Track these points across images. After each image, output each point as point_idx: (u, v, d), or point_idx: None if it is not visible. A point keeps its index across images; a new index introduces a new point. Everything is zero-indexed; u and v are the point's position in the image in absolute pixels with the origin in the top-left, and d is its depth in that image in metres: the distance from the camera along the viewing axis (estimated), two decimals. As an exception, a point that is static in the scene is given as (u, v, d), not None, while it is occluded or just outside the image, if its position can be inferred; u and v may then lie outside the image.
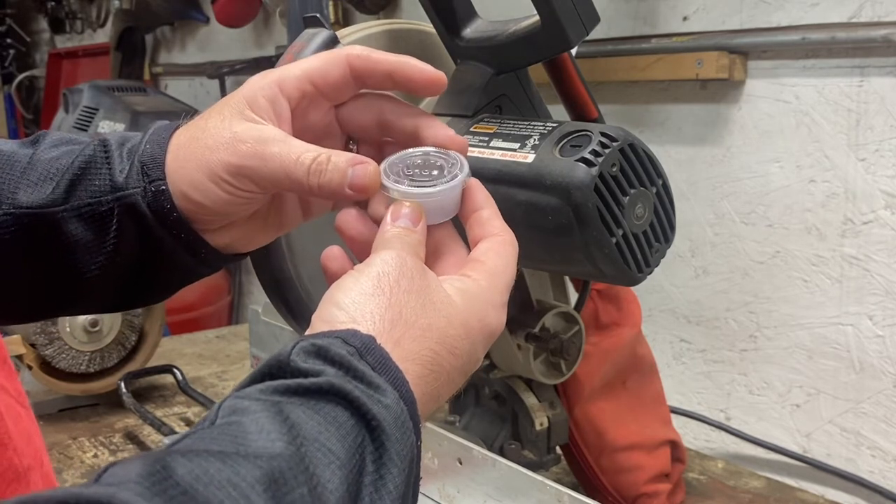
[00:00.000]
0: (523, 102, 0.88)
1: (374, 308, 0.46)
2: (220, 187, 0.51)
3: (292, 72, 0.54)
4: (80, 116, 2.62)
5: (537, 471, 0.93)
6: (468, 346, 0.49)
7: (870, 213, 1.17)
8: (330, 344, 0.43)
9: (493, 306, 0.51)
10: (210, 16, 2.64)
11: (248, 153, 0.51)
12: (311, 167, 0.51)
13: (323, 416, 0.40)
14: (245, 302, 2.73)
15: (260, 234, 0.58)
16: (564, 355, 0.99)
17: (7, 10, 4.33)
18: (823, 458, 1.26)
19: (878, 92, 1.15)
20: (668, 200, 0.77)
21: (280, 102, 0.53)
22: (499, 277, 0.52)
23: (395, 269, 0.48)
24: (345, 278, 0.48)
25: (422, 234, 0.51)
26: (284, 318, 0.90)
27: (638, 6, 1.42)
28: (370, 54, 0.54)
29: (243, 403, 0.40)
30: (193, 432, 0.39)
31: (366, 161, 0.52)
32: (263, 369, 0.43)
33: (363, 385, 0.42)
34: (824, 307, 1.24)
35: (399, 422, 0.42)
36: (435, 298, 0.48)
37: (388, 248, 0.49)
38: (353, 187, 0.51)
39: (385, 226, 0.51)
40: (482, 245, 0.53)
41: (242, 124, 0.52)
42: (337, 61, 0.54)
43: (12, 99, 4.23)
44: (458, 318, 0.49)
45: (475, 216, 0.54)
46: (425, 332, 0.47)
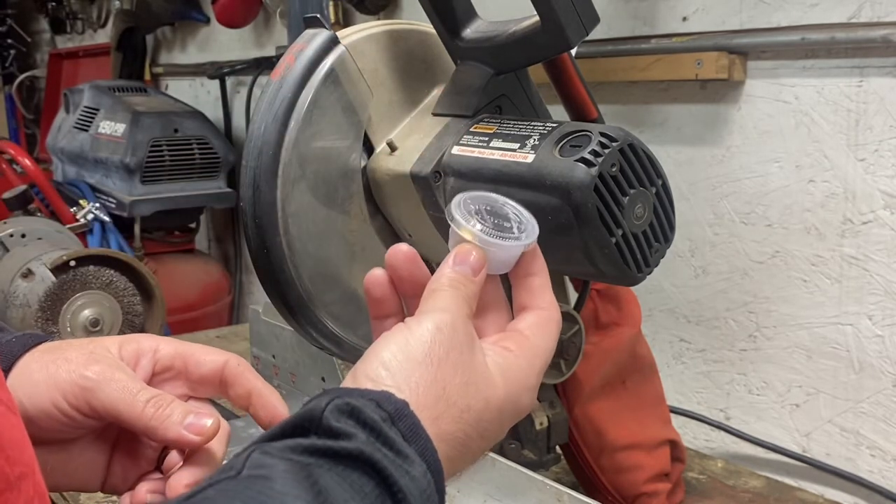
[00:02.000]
0: (523, 102, 0.88)
1: (420, 379, 0.46)
2: (57, 400, 0.52)
3: (173, 343, 0.57)
4: (80, 116, 2.62)
5: (537, 470, 0.93)
6: (498, 428, 0.50)
7: (869, 213, 1.17)
8: (364, 406, 0.43)
9: (528, 389, 0.52)
10: (210, 16, 2.64)
11: (97, 372, 0.53)
12: (151, 401, 0.52)
13: (349, 484, 0.40)
14: (245, 302, 2.73)
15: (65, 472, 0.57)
16: (564, 355, 0.99)
17: (8, 10, 4.33)
18: (823, 457, 1.26)
19: (878, 92, 1.15)
20: (667, 200, 0.77)
21: (146, 359, 0.56)
22: (539, 359, 0.53)
23: (447, 339, 0.48)
24: (395, 334, 0.48)
25: (479, 287, 0.52)
26: (284, 318, 0.90)
27: (638, 6, 1.42)
28: (245, 371, 0.57)
29: (271, 461, 0.40)
30: (219, 480, 0.39)
31: (205, 414, 0.53)
32: (296, 421, 0.43)
33: (392, 453, 0.42)
34: (824, 307, 1.24)
35: (425, 495, 0.42)
36: (478, 378, 0.48)
37: (443, 301, 0.49)
38: (189, 428, 0.52)
39: (446, 267, 0.51)
40: (528, 317, 0.53)
41: (102, 357, 0.54)
42: (215, 359, 0.57)
43: (13, 99, 4.24)
44: (495, 403, 0.49)
45: (527, 281, 0.54)
46: (463, 414, 0.47)
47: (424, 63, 0.92)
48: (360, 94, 0.87)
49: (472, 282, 0.51)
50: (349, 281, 0.87)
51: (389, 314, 0.54)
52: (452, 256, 0.52)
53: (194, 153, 2.45)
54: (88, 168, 2.53)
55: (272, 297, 0.88)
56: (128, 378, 0.53)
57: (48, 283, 1.38)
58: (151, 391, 0.53)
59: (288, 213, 0.83)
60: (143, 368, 0.56)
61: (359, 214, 0.88)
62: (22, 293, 1.41)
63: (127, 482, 0.57)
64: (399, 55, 0.90)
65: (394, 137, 0.89)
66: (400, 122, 0.90)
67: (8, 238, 1.64)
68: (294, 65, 0.84)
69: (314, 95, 0.84)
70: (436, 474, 0.44)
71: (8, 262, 1.51)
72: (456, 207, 0.53)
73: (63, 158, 2.68)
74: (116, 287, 1.42)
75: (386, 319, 0.54)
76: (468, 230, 0.52)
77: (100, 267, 1.41)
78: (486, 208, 0.54)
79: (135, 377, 0.54)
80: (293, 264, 0.85)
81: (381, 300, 0.53)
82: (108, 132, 2.45)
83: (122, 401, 0.52)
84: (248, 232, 0.85)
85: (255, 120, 0.85)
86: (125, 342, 0.56)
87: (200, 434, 0.52)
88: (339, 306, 0.87)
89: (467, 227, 0.52)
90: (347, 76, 0.86)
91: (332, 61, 0.85)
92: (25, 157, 2.46)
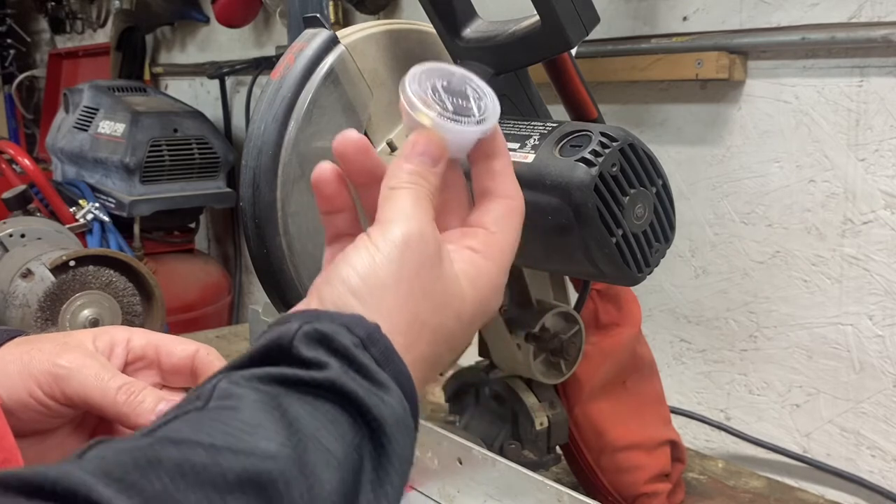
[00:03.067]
0: (523, 102, 0.88)
1: (392, 304, 0.44)
2: (32, 389, 0.52)
3: (145, 334, 0.57)
4: (80, 116, 2.62)
5: (537, 470, 0.93)
6: (468, 338, 0.49)
7: (869, 213, 1.17)
8: (335, 332, 0.41)
9: (496, 291, 0.50)
10: (210, 16, 2.64)
11: (70, 360, 0.53)
12: (123, 387, 0.53)
13: (322, 414, 0.39)
14: (245, 302, 2.73)
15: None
16: (564, 355, 0.99)
17: (7, 10, 4.33)
18: (823, 458, 1.26)
19: (878, 92, 1.15)
20: (667, 200, 0.77)
21: (120, 348, 0.56)
22: (506, 256, 0.50)
23: (415, 255, 0.45)
24: (360, 251, 0.45)
25: (440, 178, 0.48)
26: (284, 318, 0.90)
27: (638, 6, 1.42)
28: (214, 360, 0.57)
29: (239, 391, 0.39)
30: (185, 412, 0.38)
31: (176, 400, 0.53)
32: (263, 350, 0.41)
33: (366, 381, 0.41)
34: (824, 307, 1.24)
35: (401, 423, 0.41)
36: (449, 294, 0.47)
37: (406, 204, 0.46)
38: (162, 413, 0.52)
39: (403, 159, 0.48)
40: (493, 208, 0.51)
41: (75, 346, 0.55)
42: (186, 349, 0.57)
43: (13, 99, 4.24)
44: (467, 316, 0.48)
45: (488, 164, 0.51)
46: (435, 334, 0.46)
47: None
48: (359, 93, 0.86)
49: (432, 173, 0.48)
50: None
51: (341, 209, 0.51)
52: (409, 146, 0.48)
53: (194, 153, 2.45)
54: (88, 168, 2.53)
55: (272, 297, 0.88)
56: (100, 366, 0.53)
57: (48, 283, 1.38)
58: (123, 378, 0.53)
59: (288, 213, 0.83)
60: (116, 357, 0.56)
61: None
62: (21, 293, 1.41)
63: None
64: (399, 55, 0.90)
65: (394, 137, 0.88)
66: (400, 122, 0.90)
67: (7, 238, 1.64)
68: (294, 64, 0.84)
69: (314, 95, 0.84)
70: (410, 399, 0.42)
71: (7, 262, 1.51)
72: (410, 84, 0.48)
73: (62, 158, 2.68)
74: (116, 287, 1.42)
75: (337, 215, 0.52)
76: (424, 114, 0.48)
77: (99, 267, 1.41)
78: (443, 84, 0.49)
79: (108, 365, 0.54)
80: (293, 264, 0.85)
81: (332, 196, 0.50)
82: (107, 132, 2.45)
83: (95, 388, 0.52)
84: (248, 232, 0.85)
85: (255, 120, 0.85)
86: (99, 334, 0.57)
87: None
88: (339, 306, 0.87)
89: (423, 111, 0.48)
90: (347, 76, 0.86)
91: (331, 61, 0.85)
92: (25, 157, 2.45)
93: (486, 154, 0.51)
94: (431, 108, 0.48)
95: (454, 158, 0.50)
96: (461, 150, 0.50)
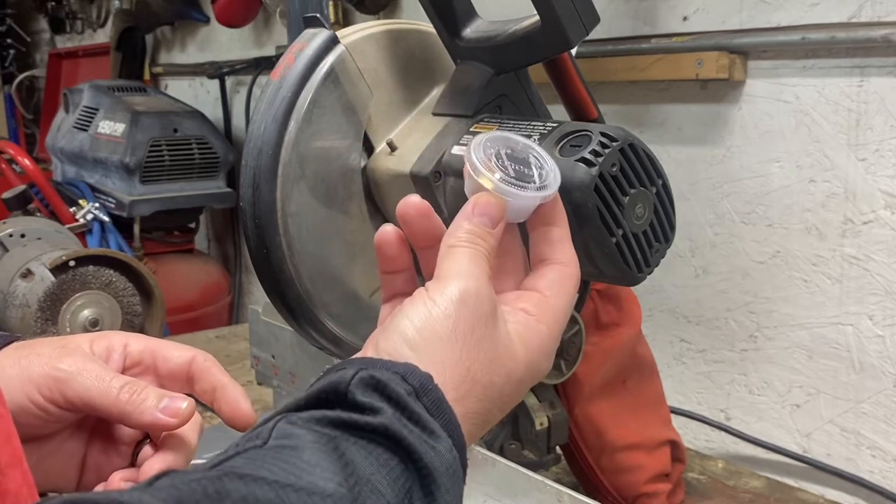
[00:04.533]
0: (523, 102, 0.88)
1: (446, 358, 0.45)
2: (32, 394, 0.52)
3: (142, 339, 0.57)
4: (80, 116, 2.62)
5: (537, 471, 0.93)
6: (517, 398, 0.50)
7: (870, 213, 1.17)
8: (389, 380, 0.42)
9: (548, 355, 0.51)
10: (210, 16, 2.64)
11: (70, 364, 0.53)
12: (125, 387, 0.53)
13: (375, 458, 0.40)
14: (245, 302, 2.73)
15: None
16: (564, 355, 0.99)
17: (7, 10, 4.33)
18: (823, 458, 1.26)
19: (878, 92, 1.15)
20: (668, 200, 0.77)
21: (117, 353, 0.56)
22: (559, 322, 0.51)
23: (471, 312, 0.46)
24: (417, 305, 0.47)
25: (498, 239, 0.50)
26: (284, 318, 0.90)
27: (638, 6, 1.42)
28: (212, 366, 0.57)
29: (298, 431, 0.40)
30: (245, 449, 0.39)
31: (180, 397, 0.53)
32: (320, 394, 0.43)
33: (418, 428, 0.42)
34: (824, 307, 1.24)
35: (451, 471, 0.42)
36: (501, 352, 0.48)
37: (464, 263, 0.47)
38: (165, 411, 0.52)
39: (463, 219, 0.49)
40: (548, 273, 0.52)
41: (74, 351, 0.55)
42: (183, 355, 0.57)
43: (12, 99, 4.24)
44: (517, 375, 0.49)
45: (546, 231, 0.52)
46: (486, 391, 0.47)
47: (424, 63, 0.92)
48: (359, 93, 0.86)
49: (491, 235, 0.49)
50: (349, 281, 0.87)
51: (401, 269, 0.53)
52: (471, 207, 0.49)
53: (194, 153, 2.45)
54: (88, 168, 2.53)
55: (272, 297, 0.88)
56: (100, 368, 0.53)
57: (47, 284, 1.38)
58: (125, 378, 0.54)
59: (288, 213, 0.83)
60: (114, 362, 0.56)
61: (359, 214, 0.88)
62: (21, 293, 1.40)
63: (102, 479, 0.57)
64: (399, 55, 0.90)
65: (394, 137, 0.88)
66: (400, 122, 0.90)
67: (7, 238, 1.64)
68: (294, 64, 0.84)
69: (314, 95, 0.84)
70: (460, 449, 0.43)
71: (7, 263, 1.51)
72: (475, 150, 0.50)
73: (62, 158, 2.68)
74: (116, 287, 1.42)
75: (397, 275, 0.53)
76: (487, 178, 0.49)
77: (99, 267, 1.41)
78: (506, 152, 0.51)
79: (107, 367, 0.54)
80: (293, 264, 0.85)
81: (394, 257, 0.52)
82: (107, 132, 2.45)
83: (96, 389, 0.52)
84: (248, 232, 0.85)
85: (255, 120, 0.85)
86: (96, 338, 0.57)
87: (176, 416, 0.52)
88: (339, 306, 0.87)
89: (486, 174, 0.49)
90: (347, 76, 0.85)
91: (331, 61, 0.85)
92: (25, 157, 2.45)
93: (544, 221, 0.52)
94: (494, 172, 0.49)
95: (513, 223, 0.52)
96: (520, 215, 0.51)
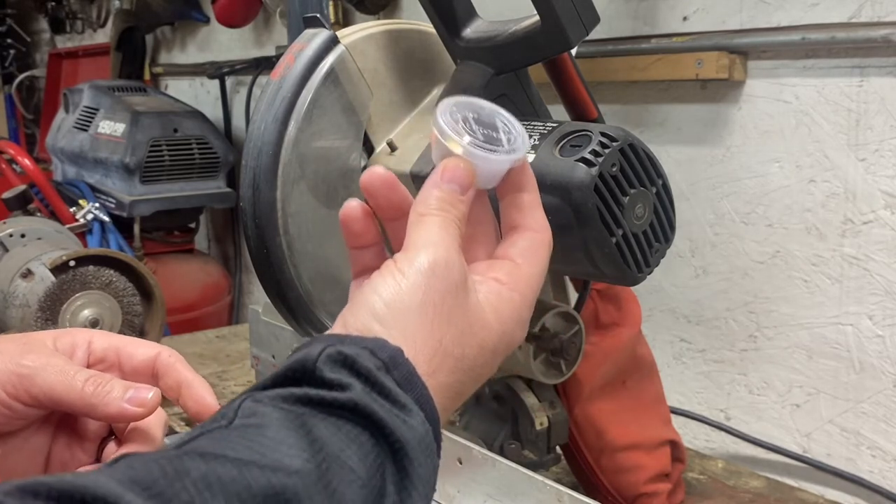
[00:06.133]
0: (523, 102, 0.88)
1: (416, 331, 0.45)
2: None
3: (106, 336, 0.57)
4: (80, 116, 2.62)
5: (537, 471, 0.93)
6: (491, 369, 0.49)
7: (870, 213, 1.17)
8: (357, 355, 0.42)
9: (521, 324, 0.50)
10: (210, 16, 2.64)
11: (33, 360, 0.52)
12: (90, 380, 0.52)
13: (345, 434, 0.39)
14: (245, 302, 2.73)
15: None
16: (564, 355, 0.99)
17: (7, 10, 4.33)
18: (823, 458, 1.26)
19: (878, 92, 1.15)
20: (667, 200, 0.77)
21: (81, 350, 0.56)
22: (531, 289, 0.51)
23: (441, 282, 0.45)
24: (385, 277, 0.46)
25: (468, 205, 0.49)
26: (284, 318, 0.90)
27: (638, 6, 1.42)
28: (176, 362, 0.56)
29: (264, 409, 0.39)
30: (210, 430, 0.39)
31: (145, 388, 0.53)
32: (287, 373, 0.42)
33: (388, 403, 0.41)
34: (824, 307, 1.24)
35: (423, 444, 0.41)
36: (473, 323, 0.47)
37: (433, 231, 0.46)
38: (130, 401, 0.52)
39: (432, 185, 0.48)
40: (519, 241, 0.51)
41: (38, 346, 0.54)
42: (147, 351, 0.56)
43: (12, 99, 4.24)
44: (490, 345, 0.48)
45: (516, 197, 0.51)
46: (458, 363, 0.46)
47: (424, 63, 0.92)
48: (360, 93, 0.86)
49: (460, 201, 0.48)
50: (349, 281, 0.87)
51: (368, 244, 0.52)
52: (439, 172, 0.48)
53: (194, 153, 2.45)
54: (88, 168, 2.53)
55: (272, 297, 0.88)
56: (64, 362, 0.53)
57: (48, 283, 1.38)
58: (89, 371, 0.53)
59: (288, 213, 0.83)
60: (78, 359, 0.56)
61: (359, 214, 0.88)
62: (21, 293, 1.40)
63: None
64: (399, 55, 0.90)
65: (394, 137, 0.88)
66: (400, 122, 0.90)
67: (7, 238, 1.64)
68: (294, 65, 0.84)
69: (314, 95, 0.84)
70: (433, 422, 0.43)
71: (7, 263, 1.51)
72: (442, 114, 0.49)
73: (63, 158, 2.68)
74: (116, 287, 1.42)
75: (365, 250, 0.52)
76: (455, 141, 0.48)
77: (99, 267, 1.41)
78: (473, 116, 0.50)
79: (71, 362, 0.54)
80: (293, 264, 0.85)
81: (361, 232, 0.51)
82: (107, 132, 2.45)
83: (61, 383, 0.52)
84: (248, 232, 0.85)
85: (255, 120, 0.85)
86: (60, 335, 0.56)
87: (142, 405, 0.52)
88: (339, 306, 0.86)
89: (454, 138, 0.48)
90: (347, 76, 0.86)
91: (331, 61, 0.85)
92: (25, 157, 2.46)
93: (514, 187, 0.51)
94: (462, 136, 0.48)
95: (483, 190, 0.51)
96: (490, 180, 0.50)
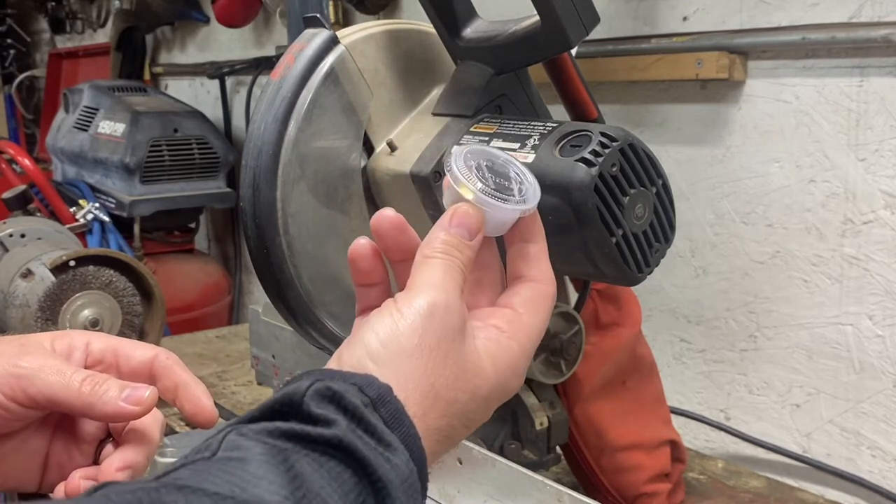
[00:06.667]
0: (523, 102, 0.88)
1: (410, 372, 0.44)
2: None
3: (104, 338, 0.57)
4: (80, 116, 2.62)
5: (537, 471, 0.93)
6: (483, 416, 0.49)
7: (870, 213, 1.17)
8: (345, 391, 0.42)
9: (517, 374, 0.50)
10: (210, 16, 2.64)
11: (31, 361, 0.53)
12: (87, 379, 0.52)
13: (327, 471, 0.39)
14: (245, 302, 2.73)
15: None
16: (564, 355, 0.99)
17: (7, 10, 4.33)
18: (823, 458, 1.26)
19: (878, 92, 1.15)
20: (667, 200, 0.77)
21: (78, 352, 0.56)
22: (531, 341, 0.51)
23: (438, 325, 0.45)
24: (383, 316, 0.46)
25: (474, 252, 0.49)
26: (284, 318, 0.90)
27: (638, 6, 1.42)
28: (173, 364, 0.56)
29: (247, 443, 0.39)
30: (193, 461, 0.38)
31: (142, 387, 0.53)
32: (275, 406, 0.42)
33: (373, 440, 0.41)
34: (824, 307, 1.24)
35: (406, 484, 0.41)
36: (468, 369, 0.47)
37: (436, 274, 0.47)
38: (127, 399, 0.52)
39: (441, 229, 0.49)
40: (522, 290, 0.51)
41: (36, 347, 0.54)
42: (145, 353, 0.56)
43: (12, 99, 4.23)
44: (483, 392, 0.48)
45: (523, 247, 0.52)
46: (449, 406, 0.46)
47: (424, 63, 0.92)
48: (360, 93, 0.86)
49: (467, 246, 0.48)
50: (349, 281, 0.87)
51: (375, 283, 0.52)
52: (449, 216, 0.49)
53: (194, 153, 2.45)
54: (88, 168, 2.53)
55: (272, 297, 0.88)
56: (61, 363, 0.53)
57: (48, 283, 1.38)
58: (86, 371, 0.53)
59: (288, 213, 0.83)
60: (75, 361, 0.56)
61: (359, 214, 0.88)
62: (21, 293, 1.40)
63: (64, 478, 0.56)
64: (399, 55, 0.90)
65: (394, 137, 0.88)
66: (400, 122, 0.90)
67: (7, 238, 1.64)
68: (294, 65, 0.84)
69: (314, 95, 0.84)
70: (419, 463, 0.42)
71: (7, 263, 1.51)
72: (455, 161, 0.50)
73: (63, 158, 2.68)
74: (116, 287, 1.42)
75: (371, 288, 0.52)
76: (467, 188, 0.49)
77: (99, 267, 1.41)
78: (486, 164, 0.51)
79: (68, 363, 0.54)
80: (293, 264, 0.85)
81: (368, 271, 0.51)
82: (107, 132, 2.45)
83: (58, 383, 0.52)
84: (248, 232, 0.85)
85: (255, 120, 0.85)
86: (57, 337, 0.56)
87: (139, 404, 0.52)
88: (339, 306, 0.87)
89: (466, 185, 0.49)
90: (347, 76, 0.86)
91: (331, 61, 0.85)
92: (25, 157, 2.45)
93: (522, 237, 0.52)
94: (475, 183, 0.49)
95: (491, 237, 0.51)
96: (499, 229, 0.51)
